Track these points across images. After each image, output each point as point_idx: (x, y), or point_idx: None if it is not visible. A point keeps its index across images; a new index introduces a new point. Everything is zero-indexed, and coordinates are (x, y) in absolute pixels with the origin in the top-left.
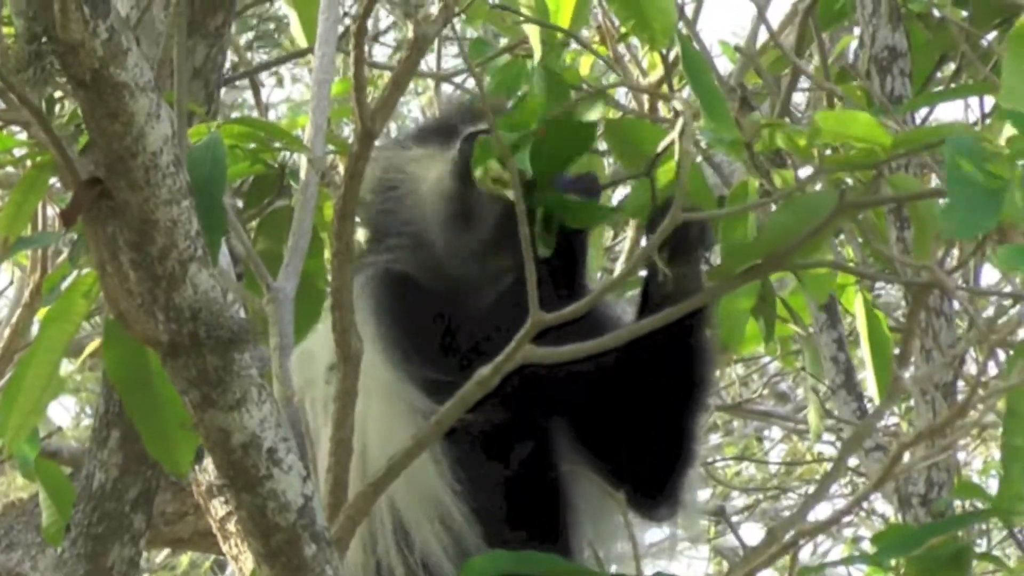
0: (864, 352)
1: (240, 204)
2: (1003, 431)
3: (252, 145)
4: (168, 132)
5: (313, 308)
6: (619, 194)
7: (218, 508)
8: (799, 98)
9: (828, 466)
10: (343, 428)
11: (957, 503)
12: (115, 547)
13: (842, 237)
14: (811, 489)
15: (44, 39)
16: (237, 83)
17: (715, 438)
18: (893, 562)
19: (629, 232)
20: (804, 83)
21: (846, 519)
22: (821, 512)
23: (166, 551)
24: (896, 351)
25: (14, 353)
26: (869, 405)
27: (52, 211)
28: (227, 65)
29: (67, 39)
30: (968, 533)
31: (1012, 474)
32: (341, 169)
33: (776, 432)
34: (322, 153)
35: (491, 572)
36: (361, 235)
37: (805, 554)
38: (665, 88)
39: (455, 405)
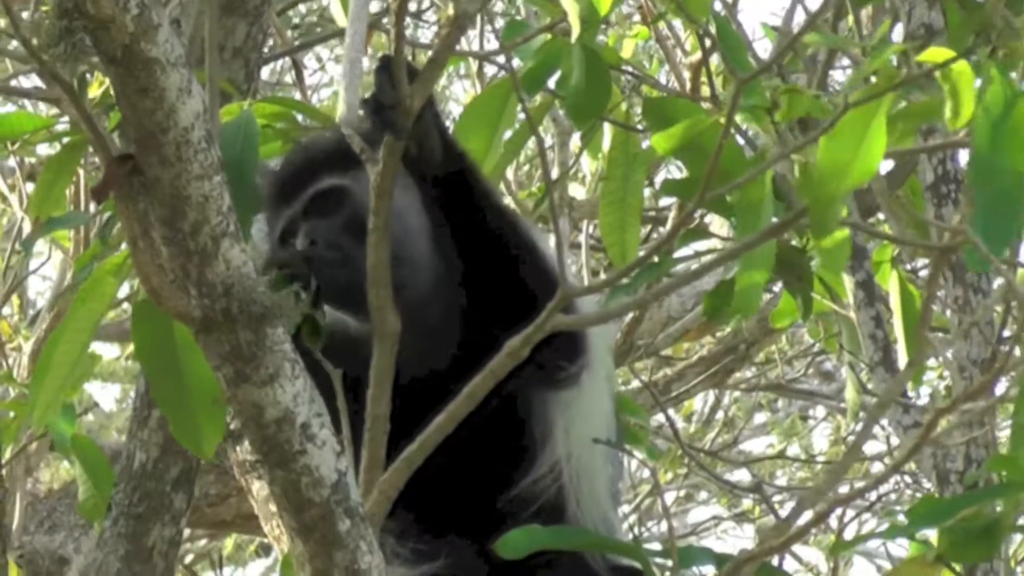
0: (897, 329)
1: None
2: (1015, 409)
3: (284, 124)
4: (199, 108)
5: None
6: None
7: (259, 489)
8: (838, 76)
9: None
10: (379, 405)
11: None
12: (156, 527)
13: (879, 216)
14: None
15: (75, 15)
16: (279, 66)
17: (759, 417)
18: (933, 539)
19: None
20: (843, 61)
21: (885, 497)
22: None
23: (205, 540)
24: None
25: None
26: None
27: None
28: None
29: (98, 15)
30: (1010, 507)
31: (1020, 453)
32: None
33: (820, 411)
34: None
35: (526, 546)
36: None
37: (849, 533)
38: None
39: (486, 377)
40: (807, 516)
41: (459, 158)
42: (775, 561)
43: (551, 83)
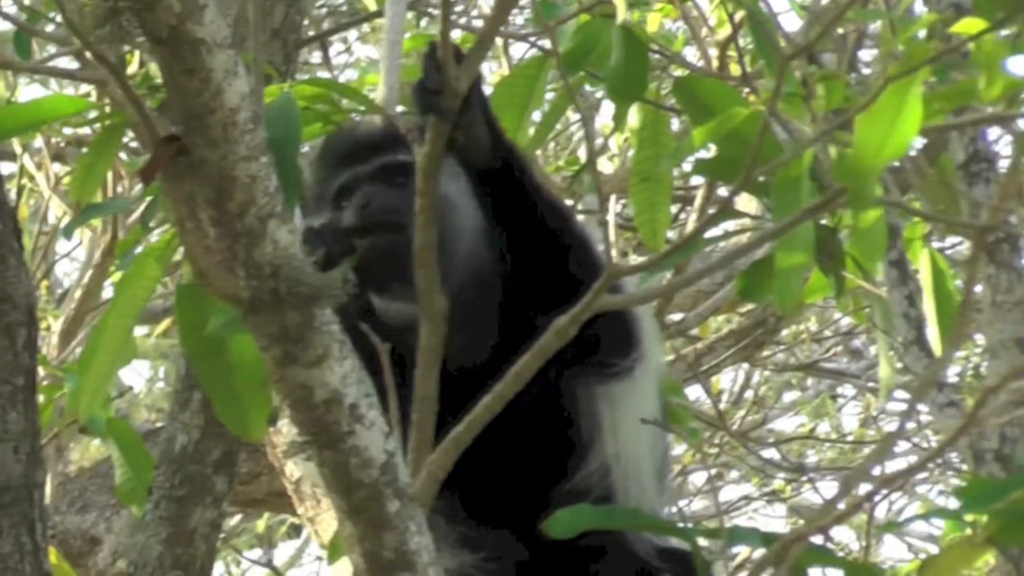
0: (928, 308)
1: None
2: None
3: (323, 106)
4: (245, 89)
5: None
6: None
7: (293, 470)
8: (866, 56)
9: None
10: (427, 384)
11: None
12: (197, 509)
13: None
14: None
15: None
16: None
17: (789, 396)
18: (969, 518)
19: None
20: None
21: (920, 475)
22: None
23: (239, 516)
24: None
25: (86, 314)
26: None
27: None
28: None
29: None
30: None
31: None
32: None
33: (850, 389)
34: (396, 112)
35: (575, 526)
36: None
37: (881, 512)
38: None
39: (534, 355)
40: (848, 496)
41: (507, 150)
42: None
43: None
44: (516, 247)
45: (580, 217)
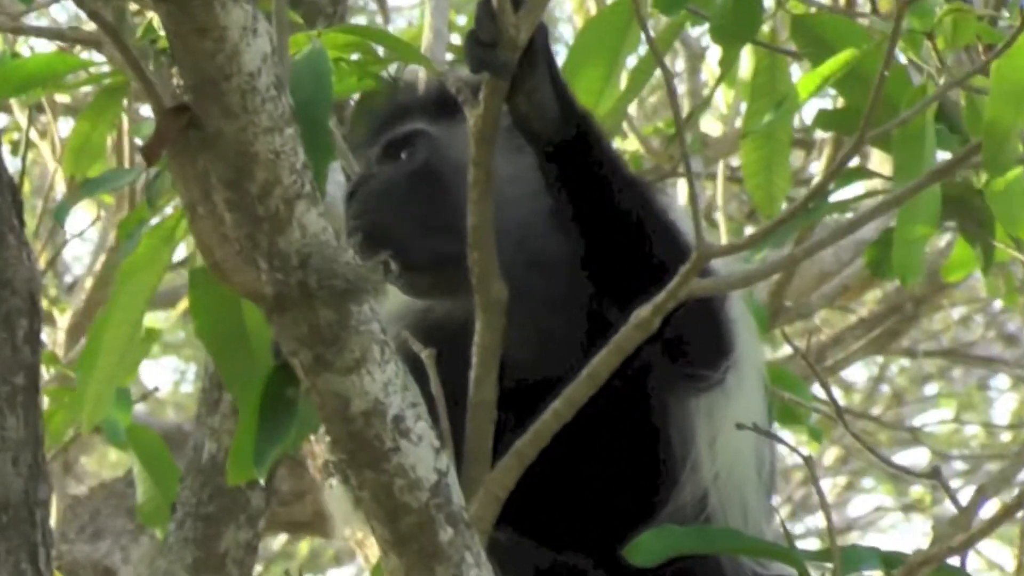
0: None
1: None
2: None
3: (359, 57)
4: (267, 49)
5: None
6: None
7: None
8: None
9: None
10: (484, 388)
11: None
12: (229, 529)
13: None
14: None
15: None
16: None
17: (929, 388)
18: None
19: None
20: None
21: None
22: None
23: (283, 536)
24: None
25: (98, 305)
26: None
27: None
28: None
29: None
30: None
31: None
32: None
33: (1003, 381)
34: (444, 65)
35: (660, 552)
36: None
37: None
38: None
39: (611, 353)
40: (991, 506)
41: (579, 119)
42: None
43: None
44: (588, 229)
45: (666, 193)
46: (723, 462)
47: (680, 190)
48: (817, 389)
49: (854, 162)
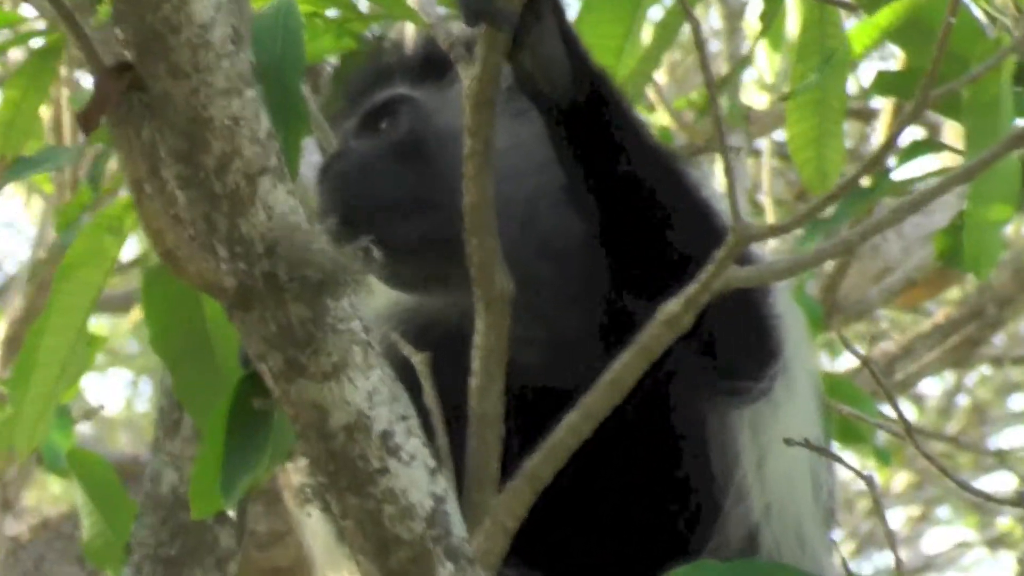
0: None
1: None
2: None
3: (336, 13)
4: None
5: None
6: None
7: (317, 525)
8: None
9: None
10: (487, 399)
11: None
12: (195, 573)
13: None
14: None
15: None
16: None
17: (1015, 401)
18: None
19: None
20: None
21: None
22: None
23: None
24: None
25: (40, 311)
26: None
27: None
28: None
29: None
30: None
31: None
32: None
33: None
34: (435, 19)
35: None
36: None
37: None
38: None
39: (635, 355)
40: None
41: (594, 78)
42: None
43: None
44: (606, 207)
45: (699, 168)
46: (775, 489)
47: (716, 169)
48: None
49: (921, 133)
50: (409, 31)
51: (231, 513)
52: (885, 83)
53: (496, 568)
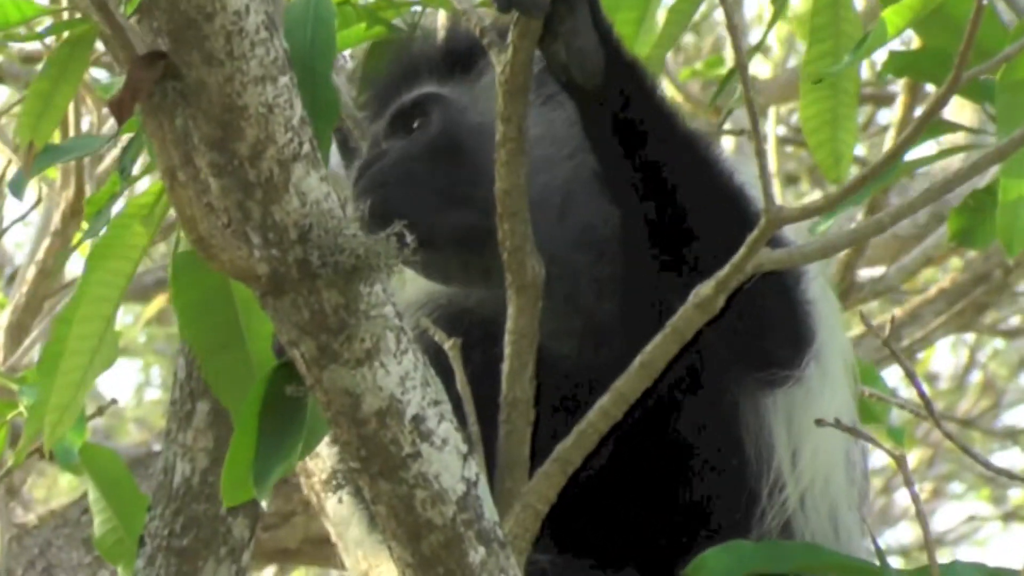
0: None
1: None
2: None
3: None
4: None
5: None
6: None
7: (335, 507)
8: None
9: None
10: (518, 384)
11: None
12: (208, 565)
13: None
14: None
15: None
16: None
17: None
18: None
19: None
20: None
21: None
22: None
23: (269, 569)
24: None
25: (43, 300)
26: None
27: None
28: None
29: None
30: None
31: None
32: None
33: None
34: (467, 5)
35: (728, 571)
36: None
37: None
38: None
39: (667, 339)
40: None
41: (627, 68)
42: None
43: None
44: (638, 195)
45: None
46: (810, 476)
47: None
48: (895, 378)
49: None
50: (440, 20)
51: (264, 504)
52: (898, 63)
53: (527, 552)
